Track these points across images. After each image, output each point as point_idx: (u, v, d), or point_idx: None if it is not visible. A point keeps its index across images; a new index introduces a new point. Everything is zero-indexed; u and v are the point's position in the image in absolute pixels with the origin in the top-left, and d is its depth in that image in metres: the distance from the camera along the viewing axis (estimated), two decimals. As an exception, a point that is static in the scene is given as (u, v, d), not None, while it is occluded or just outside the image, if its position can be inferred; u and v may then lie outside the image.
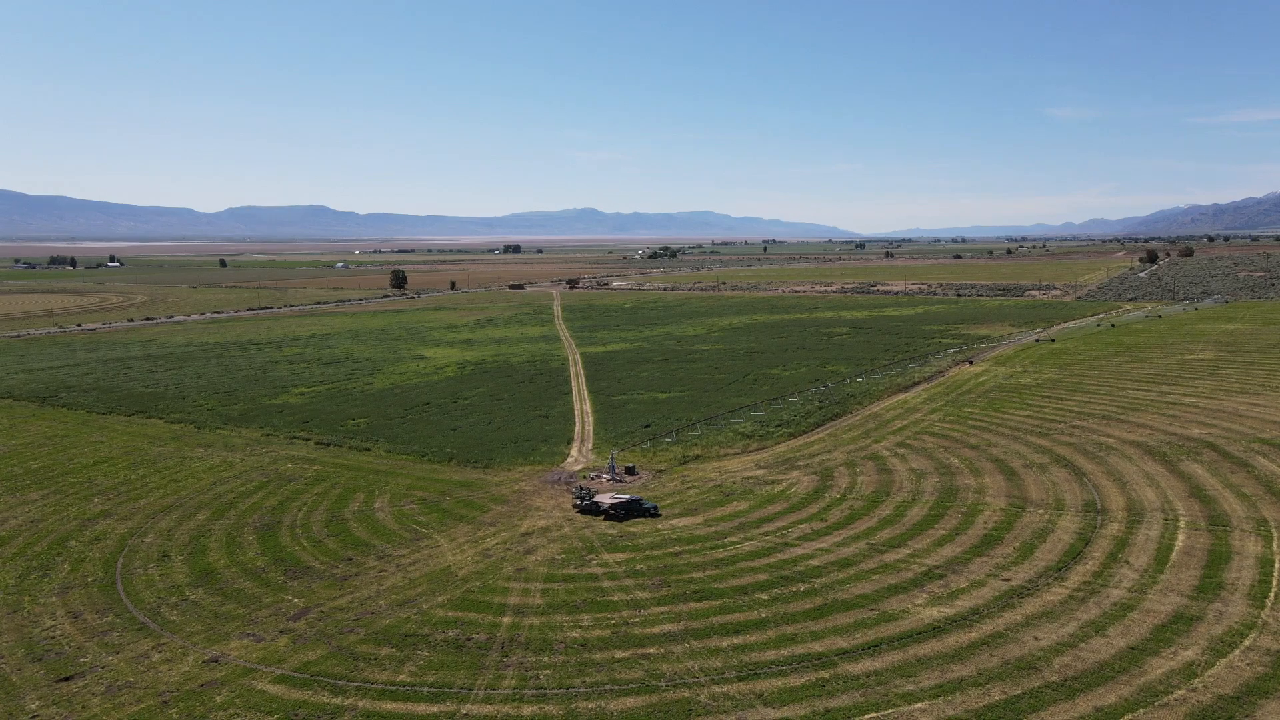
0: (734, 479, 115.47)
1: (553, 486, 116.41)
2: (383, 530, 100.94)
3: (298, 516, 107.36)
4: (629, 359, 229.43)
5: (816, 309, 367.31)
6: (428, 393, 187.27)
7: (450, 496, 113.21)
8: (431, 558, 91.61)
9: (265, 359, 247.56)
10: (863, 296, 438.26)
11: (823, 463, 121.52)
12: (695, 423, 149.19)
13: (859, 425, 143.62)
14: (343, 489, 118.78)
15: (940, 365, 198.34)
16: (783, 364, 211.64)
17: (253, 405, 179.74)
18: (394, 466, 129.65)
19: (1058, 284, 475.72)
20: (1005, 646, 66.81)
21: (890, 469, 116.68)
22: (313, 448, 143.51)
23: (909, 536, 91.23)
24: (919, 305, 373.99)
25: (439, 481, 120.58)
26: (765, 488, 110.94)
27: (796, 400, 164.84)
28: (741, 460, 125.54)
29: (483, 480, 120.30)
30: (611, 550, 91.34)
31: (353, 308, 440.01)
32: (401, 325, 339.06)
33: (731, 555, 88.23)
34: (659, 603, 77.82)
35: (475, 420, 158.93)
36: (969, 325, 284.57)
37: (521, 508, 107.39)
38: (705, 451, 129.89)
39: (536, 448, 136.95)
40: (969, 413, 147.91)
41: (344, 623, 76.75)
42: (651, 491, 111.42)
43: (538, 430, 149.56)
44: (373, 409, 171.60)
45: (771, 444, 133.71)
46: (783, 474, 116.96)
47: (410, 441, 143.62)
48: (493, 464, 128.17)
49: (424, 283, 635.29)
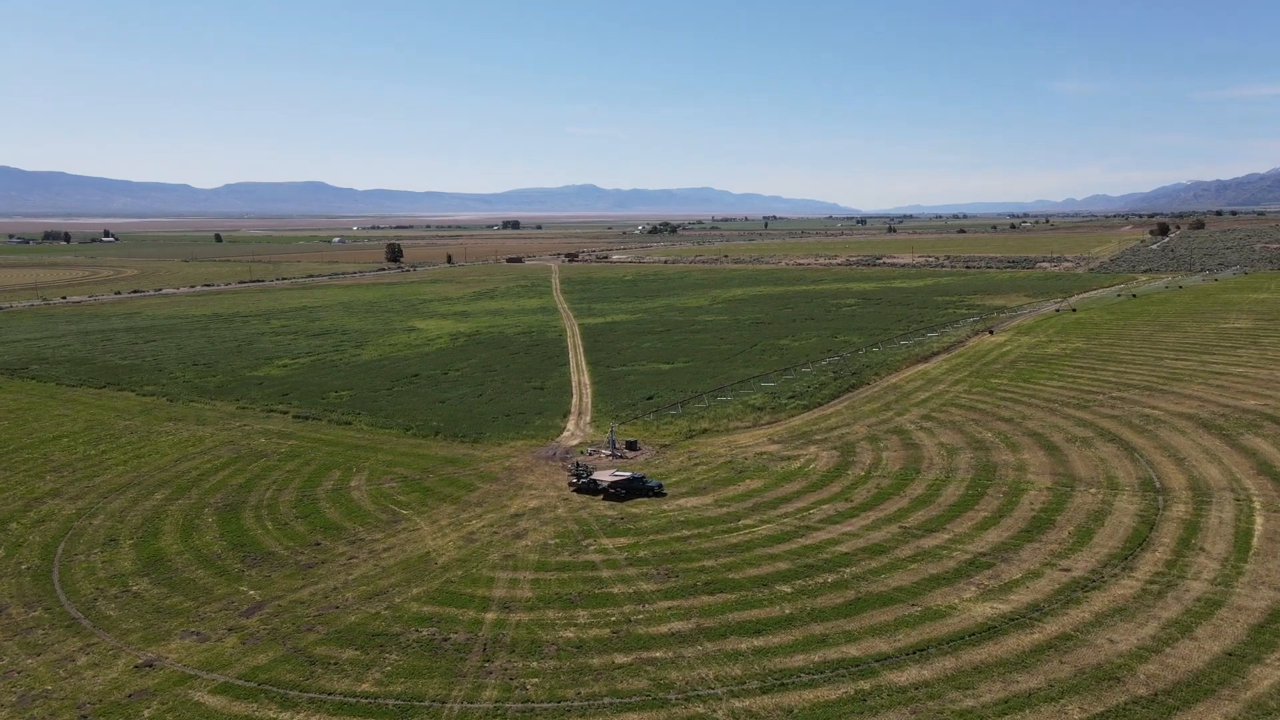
0: (746, 454, 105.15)
1: (547, 463, 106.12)
2: (357, 511, 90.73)
3: (265, 496, 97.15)
4: (629, 330, 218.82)
5: (822, 281, 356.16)
6: (417, 364, 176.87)
7: (434, 474, 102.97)
8: (409, 543, 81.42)
9: (251, 331, 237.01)
10: (869, 269, 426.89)
11: (842, 437, 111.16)
12: (701, 394, 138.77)
13: (878, 397, 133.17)
14: (317, 465, 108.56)
15: (959, 335, 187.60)
16: (791, 334, 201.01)
17: (232, 377, 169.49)
18: (375, 441, 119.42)
19: (1069, 256, 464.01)
20: (1077, 651, 56.58)
21: (918, 444, 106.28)
22: (290, 421, 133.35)
23: (947, 519, 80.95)
24: (927, 277, 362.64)
25: (423, 458, 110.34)
26: (781, 464, 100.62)
27: (810, 371, 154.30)
28: (753, 434, 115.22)
29: (471, 456, 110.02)
30: (611, 534, 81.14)
31: (346, 281, 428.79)
32: (395, 298, 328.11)
33: (747, 540, 77.98)
34: (666, 596, 67.63)
35: (465, 392, 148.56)
36: (982, 296, 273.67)
37: (512, 486, 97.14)
38: (713, 425, 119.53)
39: (530, 421, 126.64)
40: (996, 384, 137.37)
41: (303, 619, 66.60)
42: (655, 468, 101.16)
43: (532, 403, 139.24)
44: (357, 381, 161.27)
45: (785, 417, 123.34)
46: (799, 449, 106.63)
47: (395, 415, 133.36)
48: (482, 438, 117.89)
49: (420, 257, 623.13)
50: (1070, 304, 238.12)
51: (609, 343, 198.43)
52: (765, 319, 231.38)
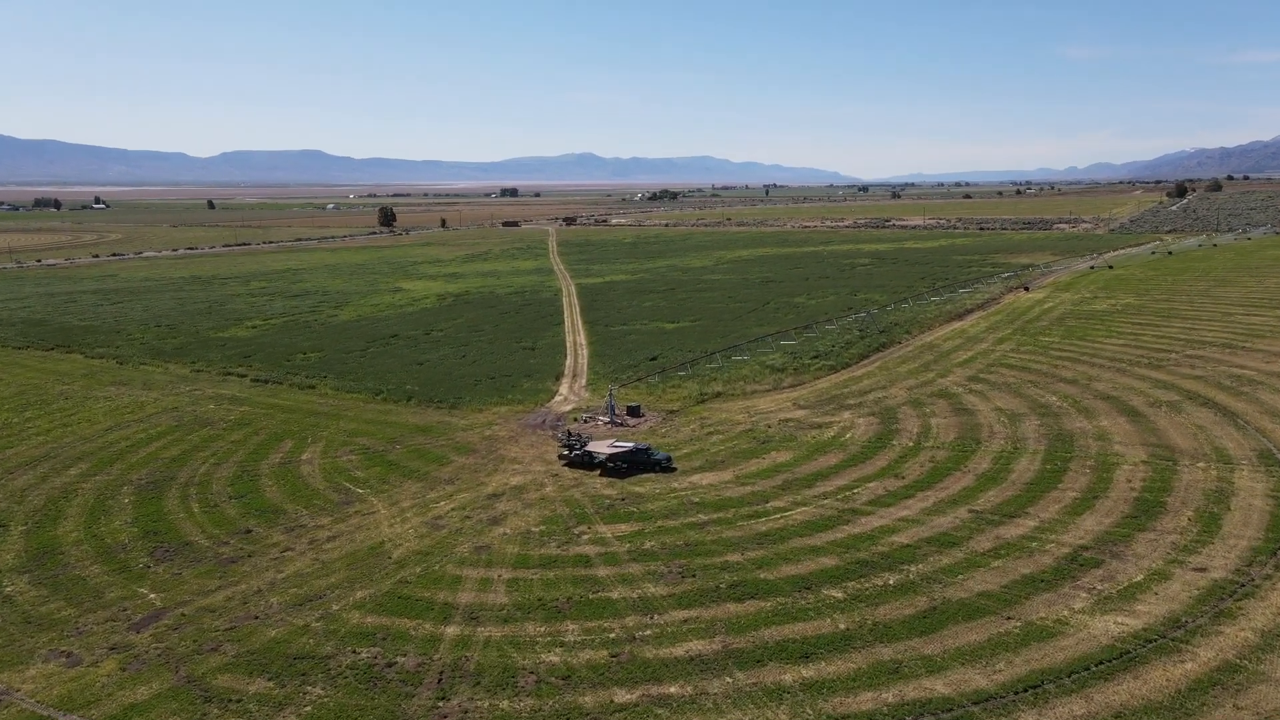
0: (768, 421, 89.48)
1: (534, 432, 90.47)
2: (304, 490, 75.22)
3: (198, 471, 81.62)
4: (629, 289, 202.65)
5: (831, 242, 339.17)
6: (397, 324, 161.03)
7: (402, 444, 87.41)
8: (360, 530, 65.94)
9: (227, 293, 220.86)
10: (878, 231, 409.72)
11: (879, 401, 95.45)
12: (712, 354, 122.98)
13: (913, 356, 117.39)
14: (268, 435, 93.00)
15: (991, 292, 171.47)
16: (806, 293, 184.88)
17: (194, 339, 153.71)
18: (339, 407, 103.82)
19: (1085, 217, 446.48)
20: (1254, 690, 41.19)
21: (970, 409, 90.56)
22: (247, 385, 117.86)
23: (1027, 501, 65.36)
24: (940, 239, 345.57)
25: (391, 425, 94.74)
26: (811, 433, 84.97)
27: (833, 329, 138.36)
28: (774, 398, 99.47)
29: (446, 424, 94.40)
30: (610, 519, 65.64)
31: (335, 244, 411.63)
32: (384, 260, 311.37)
33: (780, 528, 62.44)
34: (681, 603, 52.26)
35: (446, 353, 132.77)
36: (1005, 255, 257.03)
37: (492, 459, 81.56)
38: (728, 388, 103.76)
39: (517, 384, 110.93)
40: (1047, 342, 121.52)
41: (209, 634, 51.23)
42: (662, 438, 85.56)
43: (521, 364, 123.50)
44: (329, 342, 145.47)
45: (809, 379, 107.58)
46: (830, 415, 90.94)
47: (365, 378, 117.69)
48: (461, 404, 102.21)
49: (414, 222, 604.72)
50: (1105, 261, 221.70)
51: (608, 301, 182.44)
52: (775, 278, 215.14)
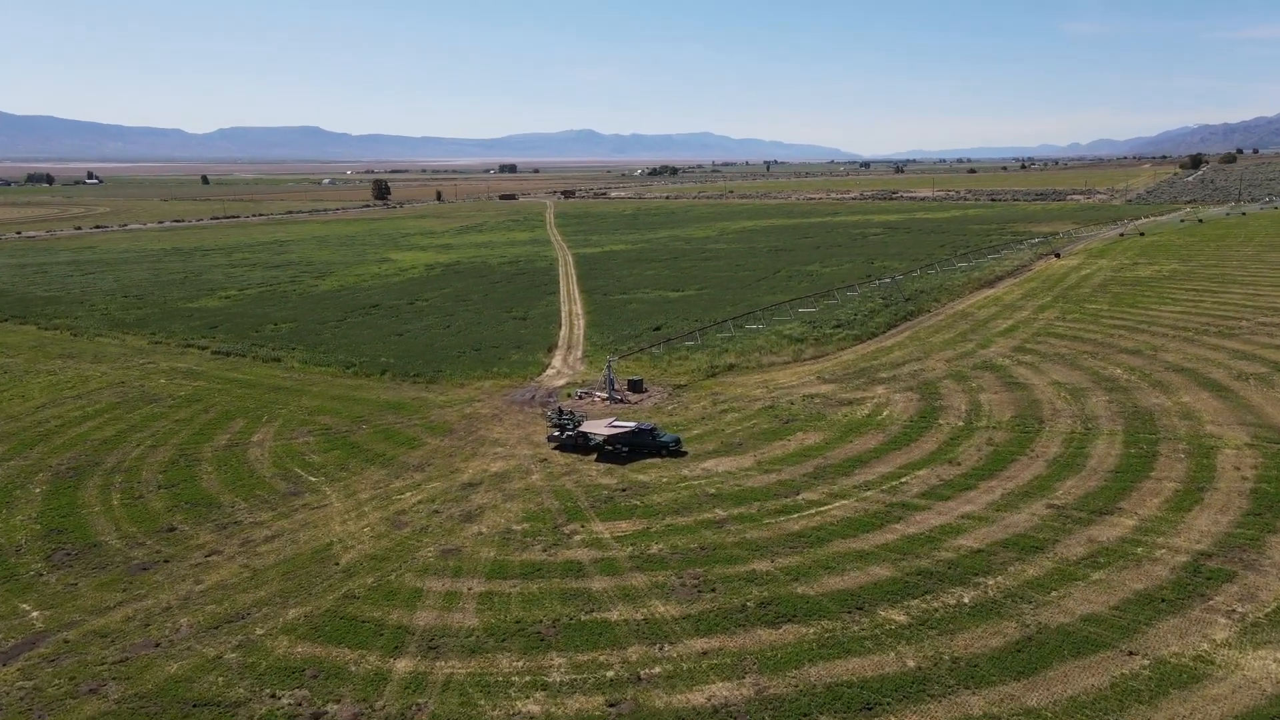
0: (790, 397, 77.83)
1: (521, 410, 78.87)
2: (246, 478, 63.71)
3: (130, 455, 70.08)
4: (630, 258, 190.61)
5: (838, 214, 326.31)
6: (380, 294, 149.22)
7: (369, 424, 75.84)
8: (306, 528, 54.47)
9: (206, 263, 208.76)
10: (887, 202, 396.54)
11: (915, 375, 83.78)
12: (724, 321, 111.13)
13: (946, 326, 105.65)
14: (219, 413, 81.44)
15: (1020, 258, 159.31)
16: (819, 261, 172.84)
17: (161, 309, 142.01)
18: (304, 382, 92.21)
19: (1100, 189, 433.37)
20: None
21: (1024, 383, 78.87)
22: (207, 358, 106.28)
23: (1116, 493, 53.81)
24: (952, 209, 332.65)
25: (359, 402, 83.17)
26: (842, 411, 73.34)
27: (854, 295, 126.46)
28: (795, 371, 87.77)
29: (422, 400, 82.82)
30: (608, 516, 54.16)
31: (326, 217, 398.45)
32: (375, 232, 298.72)
33: (816, 527, 50.92)
34: (697, 628, 40.78)
35: (429, 323, 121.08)
36: (1024, 224, 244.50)
37: (471, 441, 70.01)
38: (742, 359, 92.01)
39: (505, 356, 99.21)
40: (1095, 310, 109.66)
41: (92, 668, 39.79)
42: (669, 416, 73.96)
43: (510, 334, 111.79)
44: (305, 312, 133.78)
45: (833, 350, 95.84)
46: (862, 390, 79.30)
47: (337, 350, 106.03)
48: (440, 378, 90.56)
49: (409, 195, 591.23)
50: (1136, 228, 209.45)
51: (607, 270, 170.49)
52: (784, 247, 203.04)
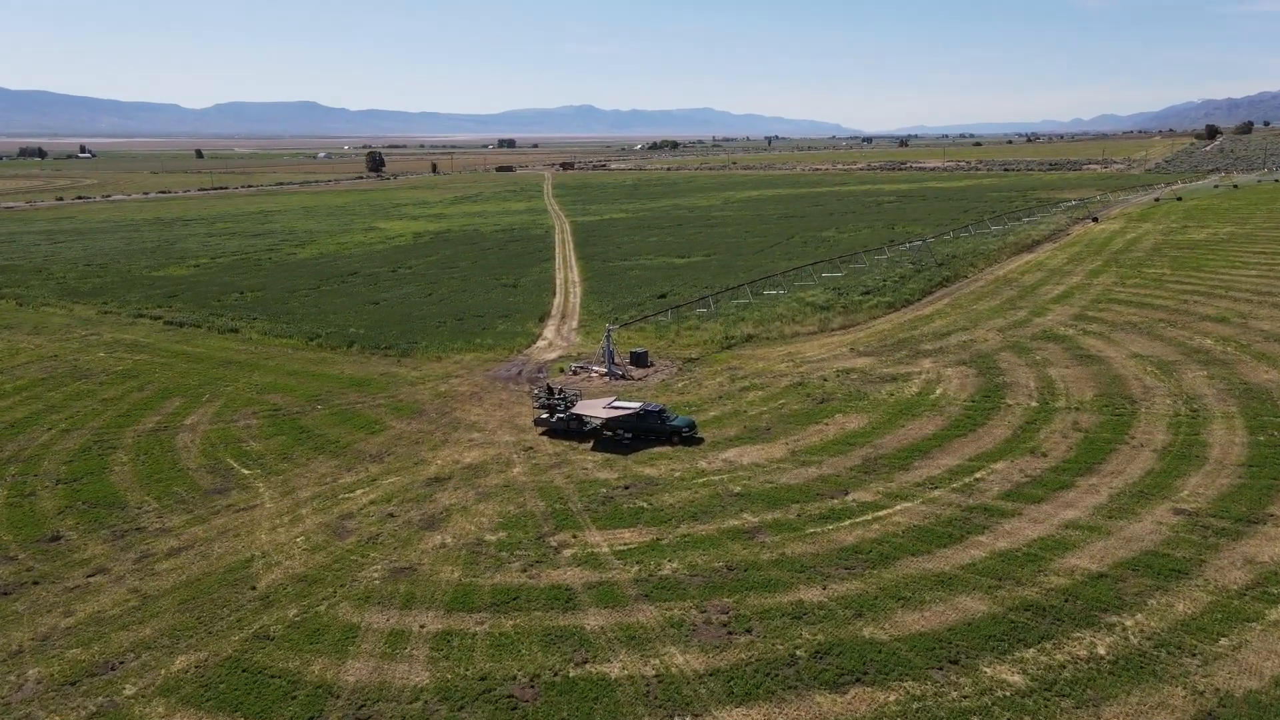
0: (822, 372, 66.15)
1: (506, 387, 67.20)
2: (167, 471, 52.20)
3: (36, 441, 58.57)
4: (631, 226, 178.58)
5: (846, 184, 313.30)
6: (361, 262, 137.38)
7: (326, 403, 64.30)
8: (224, 537, 42.96)
9: (184, 233, 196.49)
10: (896, 173, 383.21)
11: (966, 346, 72.06)
12: (739, 286, 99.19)
13: (990, 292, 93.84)
14: (155, 391, 69.90)
15: (1056, 223, 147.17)
16: (834, 227, 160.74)
17: (123, 278, 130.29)
18: (260, 355, 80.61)
19: (1117, 158, 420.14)
20: None
21: (1097, 356, 67.14)
22: (159, 328, 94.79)
23: (1259, 495, 42.09)
24: (965, 179, 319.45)
25: (318, 378, 71.60)
26: (886, 388, 61.66)
27: (883, 259, 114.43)
28: (823, 342, 76.04)
29: (391, 376, 71.19)
30: (607, 522, 42.59)
31: (317, 188, 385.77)
32: (366, 202, 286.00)
33: (876, 540, 39.32)
34: (730, 690, 29.27)
35: (409, 291, 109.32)
36: (1045, 192, 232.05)
37: (443, 424, 58.45)
38: (761, 329, 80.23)
39: (491, 326, 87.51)
40: (1156, 274, 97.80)
41: (-116, 751, 28.39)
42: (679, 395, 62.32)
43: (498, 303, 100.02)
44: (276, 281, 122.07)
45: (863, 318, 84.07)
46: (906, 364, 67.60)
47: (303, 319, 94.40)
48: (414, 350, 78.91)
49: (405, 168, 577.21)
50: (1172, 193, 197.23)
51: (606, 237, 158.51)
52: (795, 214, 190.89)
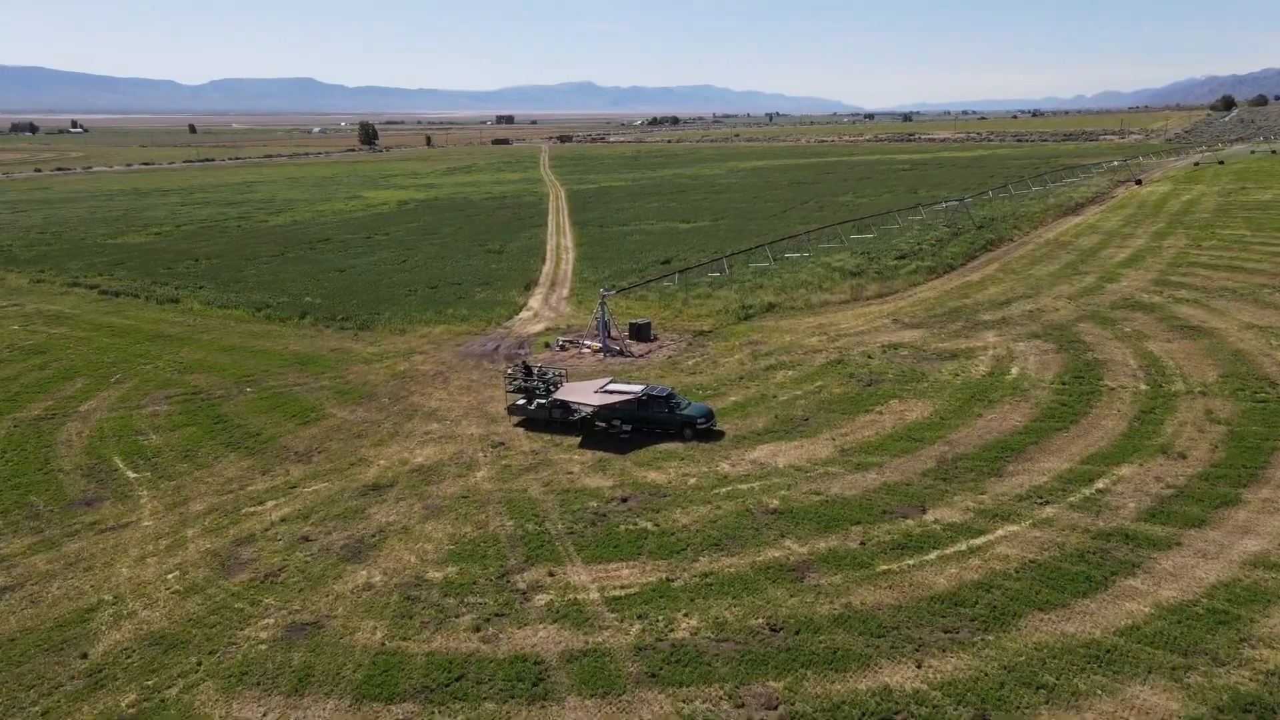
0: (864, 348, 54.30)
1: (478, 365, 55.32)
2: (31, 474, 40.49)
3: (-113, 433, 46.79)
4: (631, 192, 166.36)
5: (854, 154, 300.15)
6: (336, 229, 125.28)
7: (259, 385, 52.55)
8: (72, 570, 31.20)
9: (157, 202, 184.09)
10: (906, 144, 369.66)
11: (1033, 316, 60.13)
12: (756, 248, 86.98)
13: (1045, 256, 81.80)
14: (59, 369, 58.17)
15: (1097, 186, 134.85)
16: (852, 191, 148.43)
17: (72, 246, 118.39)
18: (197, 328, 68.82)
19: (1134, 129, 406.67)
20: None
21: (1202, 327, 55.21)
22: (92, 298, 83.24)
23: None
24: (979, 150, 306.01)
25: (258, 354, 59.80)
26: (947, 367, 49.80)
27: (920, 218, 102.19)
28: (859, 313, 64.11)
29: (343, 352, 59.38)
30: (599, 552, 30.76)
31: (307, 160, 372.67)
32: (355, 173, 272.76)
33: (980, 583, 27.56)
34: None
35: (382, 258, 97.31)
36: (1068, 159, 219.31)
37: (396, 412, 46.65)
38: (783, 297, 68.25)
39: (468, 295, 75.61)
40: (1233, 236, 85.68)
41: None
42: (692, 376, 50.47)
43: (479, 270, 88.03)
44: (238, 248, 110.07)
45: (902, 286, 72.04)
46: (965, 338, 55.73)
47: (256, 288, 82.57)
48: (375, 322, 67.04)
49: (399, 141, 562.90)
50: (1213, 157, 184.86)
51: (604, 204, 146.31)
52: (806, 180, 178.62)
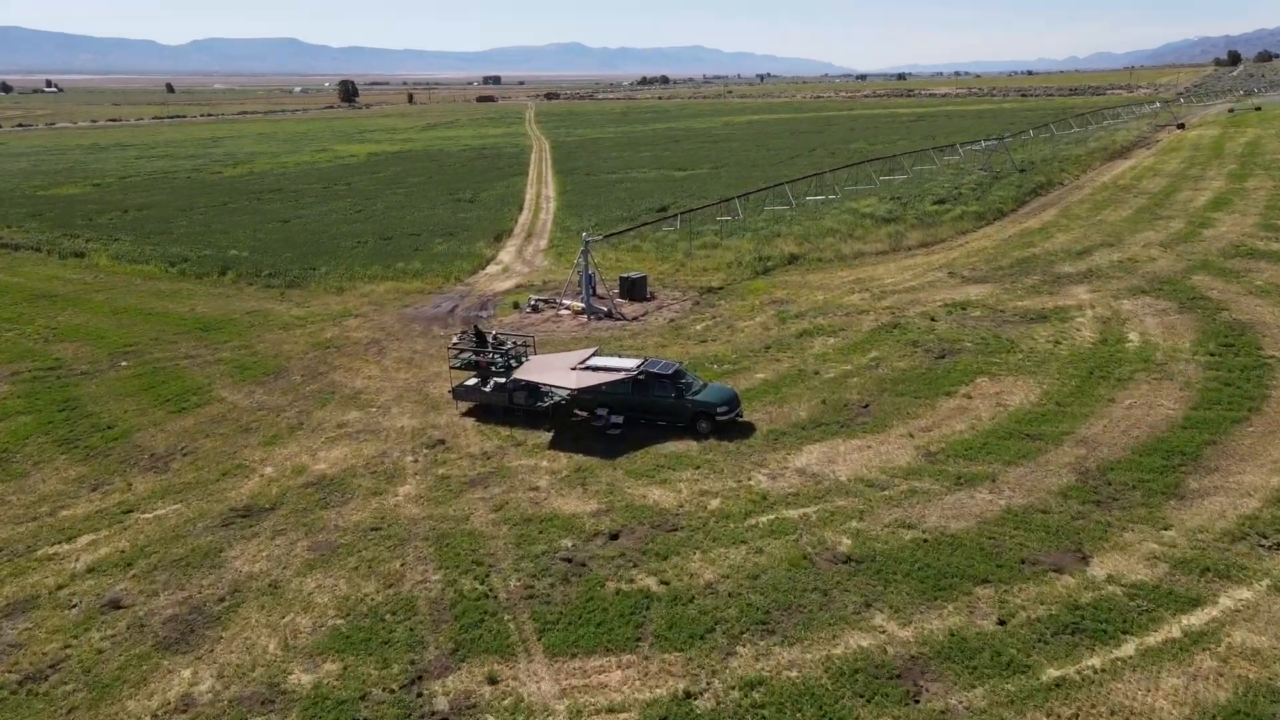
0: (922, 307, 42.26)
1: (428, 331, 43.06)
2: None
3: None
4: (620, 143, 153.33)
5: (854, 109, 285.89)
6: (294, 180, 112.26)
7: (139, 357, 40.34)
8: None
9: (111, 156, 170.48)
10: (905, 99, 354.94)
11: (1129, 268, 48.13)
12: (773, 187, 74.51)
13: (1109, 199, 69.66)
14: (-102, 340, 45.76)
15: (1138, 130, 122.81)
16: (862, 138, 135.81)
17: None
18: (94, 286, 56.54)
19: (1142, 83, 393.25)
20: None
21: (1352, 280, 43.66)
22: (-15, 255, 70.43)
23: None
24: (984, 103, 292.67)
25: (153, 318, 47.55)
26: (1038, 332, 37.84)
27: (957, 159, 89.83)
28: (905, 264, 52.02)
29: (261, 315, 47.13)
30: (567, 637, 18.93)
31: (281, 117, 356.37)
32: (330, 129, 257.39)
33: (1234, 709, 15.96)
34: None
35: (334, 208, 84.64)
36: (1085, 110, 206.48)
37: (306, 395, 34.54)
38: (809, 248, 56.06)
39: (426, 246, 63.19)
40: (1324, 177, 74.13)
41: None
42: (701, 344, 38.38)
43: (445, 220, 75.49)
44: (175, 198, 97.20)
45: (948, 233, 59.82)
46: (1049, 295, 43.73)
47: (180, 241, 70.01)
48: (309, 278, 54.75)
49: (381, 99, 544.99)
50: (1249, 104, 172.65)
51: (591, 153, 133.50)
52: (810, 130, 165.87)
